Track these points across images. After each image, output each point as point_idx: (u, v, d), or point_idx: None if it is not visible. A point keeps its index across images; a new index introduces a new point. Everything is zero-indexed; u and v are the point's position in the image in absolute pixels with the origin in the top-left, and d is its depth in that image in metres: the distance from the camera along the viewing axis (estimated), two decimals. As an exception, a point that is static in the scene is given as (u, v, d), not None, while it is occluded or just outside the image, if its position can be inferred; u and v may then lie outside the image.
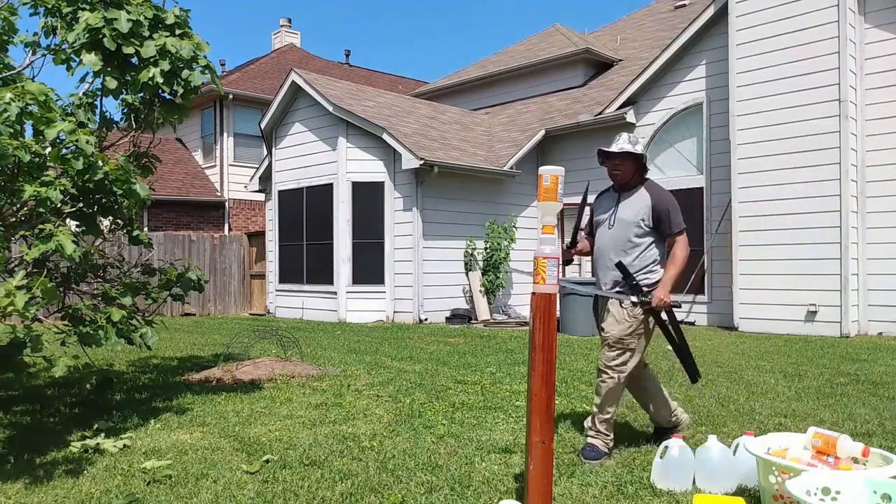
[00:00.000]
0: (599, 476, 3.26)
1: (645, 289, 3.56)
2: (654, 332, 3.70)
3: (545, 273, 2.65)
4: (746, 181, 10.02)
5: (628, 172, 3.66)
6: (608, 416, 3.57)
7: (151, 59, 4.60)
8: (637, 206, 3.63)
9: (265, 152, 14.59)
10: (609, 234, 3.70)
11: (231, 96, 17.61)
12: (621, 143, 3.64)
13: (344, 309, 12.07)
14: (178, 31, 4.81)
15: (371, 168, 12.08)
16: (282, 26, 24.30)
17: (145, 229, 14.73)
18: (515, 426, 4.21)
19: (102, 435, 3.99)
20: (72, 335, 4.14)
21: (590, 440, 3.60)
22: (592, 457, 3.46)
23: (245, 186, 15.87)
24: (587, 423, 3.66)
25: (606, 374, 3.57)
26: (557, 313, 2.78)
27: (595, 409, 3.61)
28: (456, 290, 12.11)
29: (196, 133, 18.96)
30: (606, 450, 3.55)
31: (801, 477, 2.52)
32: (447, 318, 11.57)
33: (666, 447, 3.16)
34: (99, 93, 4.82)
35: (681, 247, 3.62)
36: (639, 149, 3.62)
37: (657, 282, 3.59)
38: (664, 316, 3.68)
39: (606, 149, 3.66)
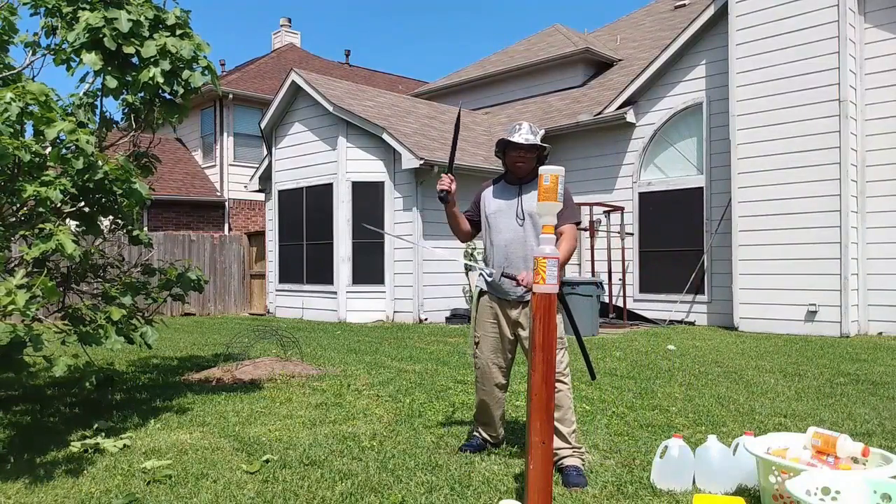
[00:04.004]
0: (599, 476, 3.26)
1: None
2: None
3: (545, 273, 2.65)
4: (746, 181, 10.02)
5: (531, 164, 3.51)
6: (575, 424, 3.41)
7: (152, 59, 4.59)
8: None
9: (265, 152, 14.59)
10: (519, 228, 3.47)
11: (231, 96, 17.61)
12: (526, 135, 3.44)
13: (344, 309, 12.07)
14: (178, 32, 4.81)
15: (371, 168, 12.07)
16: (282, 26, 24.30)
17: (145, 229, 14.76)
18: (515, 426, 4.21)
19: (102, 435, 3.99)
20: (72, 334, 4.14)
21: (567, 461, 3.29)
22: (582, 482, 3.14)
23: (245, 186, 15.87)
24: (557, 443, 3.23)
25: (560, 382, 3.31)
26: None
27: (560, 425, 3.28)
28: (456, 289, 12.11)
29: (196, 133, 18.95)
30: (584, 465, 3.33)
31: (801, 477, 2.52)
32: (447, 318, 11.57)
33: (666, 447, 3.16)
34: (99, 93, 4.82)
35: (570, 236, 3.40)
36: (539, 138, 3.49)
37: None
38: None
39: (512, 139, 3.45)
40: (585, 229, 11.42)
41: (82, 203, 4.36)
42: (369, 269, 12.04)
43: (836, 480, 2.47)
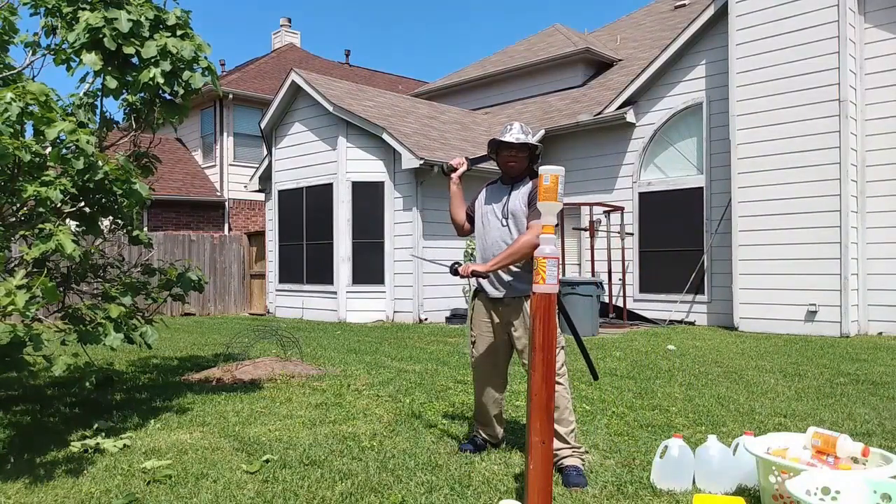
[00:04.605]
0: (599, 476, 3.26)
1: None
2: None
3: (545, 273, 2.65)
4: (746, 181, 10.02)
5: (523, 164, 3.52)
6: (574, 424, 3.39)
7: (152, 60, 4.59)
8: (525, 197, 3.48)
9: (265, 152, 14.59)
10: (504, 227, 3.51)
11: (231, 96, 17.61)
12: (517, 134, 3.44)
13: (344, 309, 12.07)
14: (179, 32, 4.81)
15: (371, 168, 12.08)
16: (282, 26, 24.30)
17: (145, 229, 14.72)
18: (515, 426, 4.21)
19: (102, 435, 3.99)
20: (71, 334, 4.14)
21: (567, 462, 3.28)
22: (582, 482, 3.14)
23: (245, 186, 15.87)
24: (555, 443, 3.15)
25: (557, 383, 3.22)
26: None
27: (557, 426, 3.22)
28: (456, 289, 12.11)
29: (196, 133, 18.95)
30: (584, 465, 3.32)
31: (800, 477, 2.52)
32: (447, 318, 11.56)
33: (666, 447, 3.16)
34: (99, 93, 4.81)
35: (531, 232, 3.32)
36: (532, 139, 3.48)
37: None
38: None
39: (503, 139, 3.45)
40: (585, 229, 11.42)
41: (82, 203, 4.36)
42: (369, 268, 12.05)
43: (836, 480, 2.47)
